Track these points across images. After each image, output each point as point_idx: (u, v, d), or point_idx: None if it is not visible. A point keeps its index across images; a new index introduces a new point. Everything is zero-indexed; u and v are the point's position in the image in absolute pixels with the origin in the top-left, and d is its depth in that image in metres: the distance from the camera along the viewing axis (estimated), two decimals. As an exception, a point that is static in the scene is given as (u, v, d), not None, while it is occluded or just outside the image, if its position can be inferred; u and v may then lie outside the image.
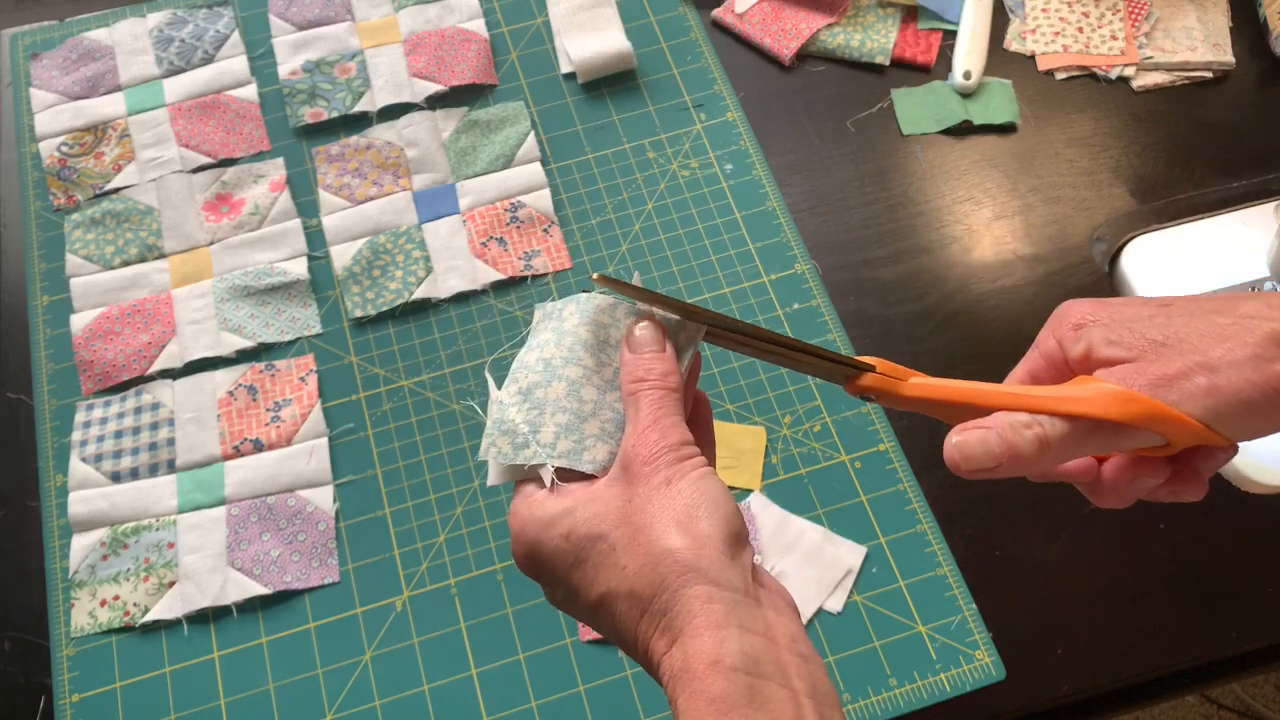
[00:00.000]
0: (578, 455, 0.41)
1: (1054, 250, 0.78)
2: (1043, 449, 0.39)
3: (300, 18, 0.89)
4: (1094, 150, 0.83)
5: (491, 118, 0.84)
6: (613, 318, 0.43)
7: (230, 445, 0.72)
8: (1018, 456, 0.39)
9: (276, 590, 0.67)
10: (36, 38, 0.91)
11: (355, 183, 0.82)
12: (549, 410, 0.41)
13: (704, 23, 0.90)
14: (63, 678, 0.66)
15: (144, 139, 0.85)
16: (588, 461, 0.41)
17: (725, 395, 0.73)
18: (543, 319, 0.44)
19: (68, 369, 0.76)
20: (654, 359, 0.41)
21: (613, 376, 0.43)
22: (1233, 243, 0.78)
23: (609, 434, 0.41)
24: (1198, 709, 1.42)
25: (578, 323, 0.43)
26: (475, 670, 0.65)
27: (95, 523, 0.70)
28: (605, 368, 0.43)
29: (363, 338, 0.77)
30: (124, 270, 0.79)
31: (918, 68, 0.87)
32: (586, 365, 0.42)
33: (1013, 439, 0.39)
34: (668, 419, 0.39)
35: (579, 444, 0.41)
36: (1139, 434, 0.38)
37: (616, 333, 0.43)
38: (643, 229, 0.80)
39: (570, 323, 0.43)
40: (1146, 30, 0.87)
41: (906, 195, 0.81)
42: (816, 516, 0.69)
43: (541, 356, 0.43)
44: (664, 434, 0.39)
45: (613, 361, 0.43)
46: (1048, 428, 0.39)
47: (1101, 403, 0.38)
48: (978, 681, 0.63)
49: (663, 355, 0.41)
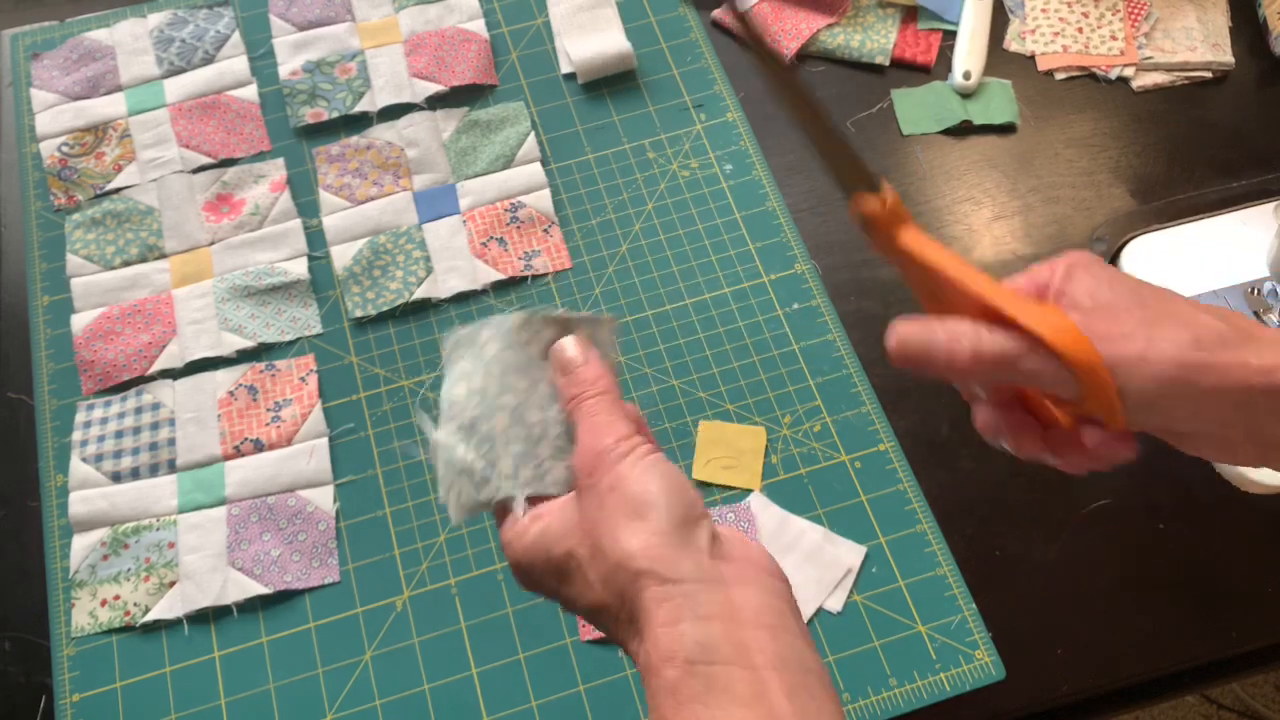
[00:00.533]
0: (541, 480, 0.42)
1: (1054, 250, 0.78)
2: (975, 359, 0.40)
3: (301, 18, 0.90)
4: (1094, 150, 0.83)
5: (492, 118, 0.84)
6: (531, 332, 0.44)
7: (231, 445, 0.72)
8: (950, 356, 0.40)
9: (277, 590, 0.67)
10: (37, 38, 0.91)
11: (356, 183, 0.82)
12: (500, 442, 0.42)
13: (704, 23, 0.90)
14: (63, 677, 0.66)
15: (144, 139, 0.85)
16: (551, 484, 0.42)
17: (725, 395, 0.73)
18: (455, 349, 0.45)
19: (68, 369, 0.76)
20: (582, 371, 0.42)
21: (549, 390, 0.43)
22: (1233, 243, 0.78)
23: (562, 450, 0.42)
24: (1198, 709, 1.42)
25: (499, 347, 0.43)
26: (475, 670, 0.65)
27: (96, 522, 0.70)
28: (538, 383, 0.43)
29: (363, 338, 0.77)
30: (124, 270, 0.79)
31: (917, 68, 0.87)
32: (520, 389, 0.43)
33: (949, 343, 0.40)
34: (604, 420, 0.41)
35: (538, 469, 0.42)
36: (1063, 372, 0.39)
37: (537, 346, 0.44)
38: (643, 229, 0.80)
39: (491, 349, 0.44)
40: (1146, 30, 0.87)
41: (906, 195, 0.81)
42: (816, 516, 0.69)
43: (471, 389, 0.43)
44: (600, 438, 0.40)
45: (544, 375, 0.43)
46: (986, 342, 0.40)
47: (1050, 324, 0.39)
48: (977, 681, 0.64)
49: (590, 365, 0.43)
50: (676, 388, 0.74)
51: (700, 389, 0.73)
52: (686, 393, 0.73)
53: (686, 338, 0.75)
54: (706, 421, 0.72)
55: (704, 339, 0.75)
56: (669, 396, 0.73)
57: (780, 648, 0.35)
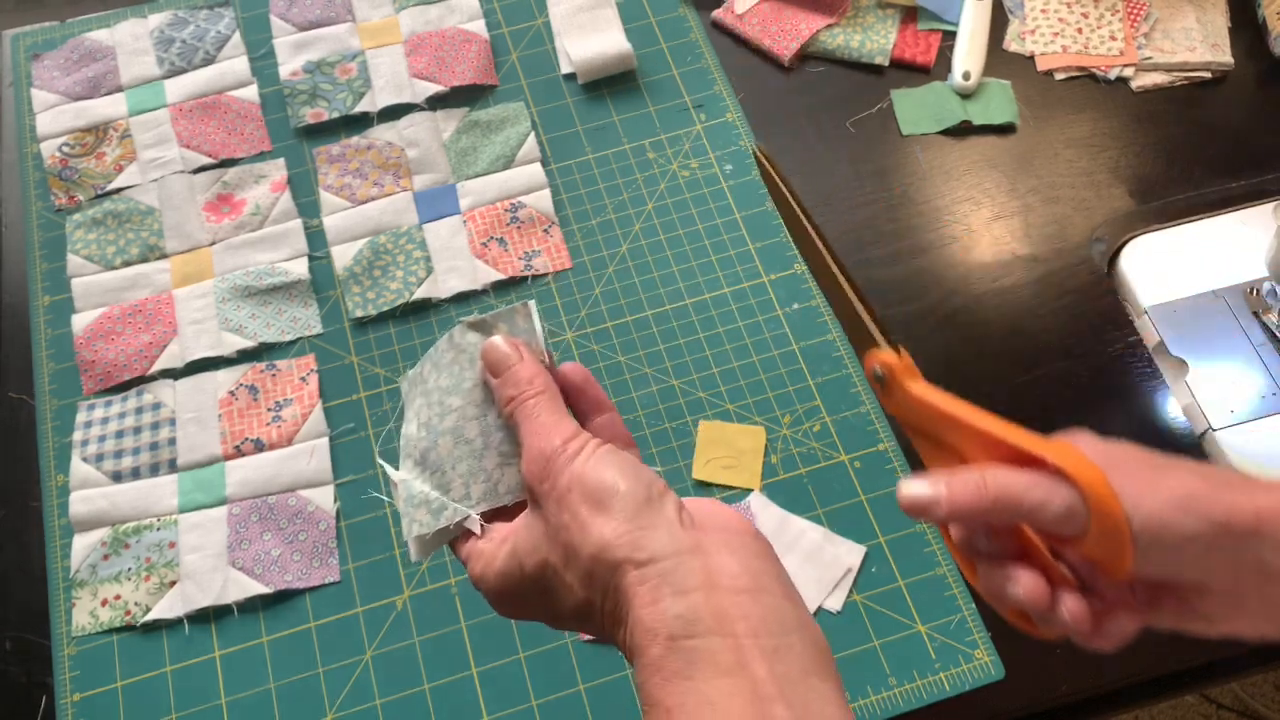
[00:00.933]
0: (494, 492, 0.42)
1: (1053, 250, 0.78)
2: (979, 490, 0.39)
3: (301, 18, 0.90)
4: (1093, 151, 0.83)
5: (492, 118, 0.84)
6: (456, 348, 0.44)
7: (231, 445, 0.72)
8: (955, 497, 0.40)
9: (277, 590, 0.67)
10: (38, 38, 0.91)
11: (356, 183, 0.82)
12: (448, 466, 0.42)
13: (704, 23, 0.90)
14: (64, 677, 0.66)
15: (145, 139, 0.85)
16: (505, 493, 0.42)
17: (725, 395, 0.73)
18: (409, 389, 0.45)
19: (69, 369, 0.76)
20: (517, 370, 0.42)
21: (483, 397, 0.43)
22: (1232, 243, 0.78)
23: (508, 456, 0.42)
24: (1197, 709, 1.42)
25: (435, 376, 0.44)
26: (475, 670, 0.65)
27: (96, 522, 0.70)
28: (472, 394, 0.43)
29: (363, 338, 0.77)
30: (125, 270, 0.79)
31: (917, 68, 0.87)
32: (454, 407, 0.43)
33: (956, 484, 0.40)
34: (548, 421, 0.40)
35: (488, 482, 0.42)
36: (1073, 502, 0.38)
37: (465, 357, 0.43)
38: (643, 229, 0.80)
39: (431, 380, 0.44)
40: (1145, 31, 0.87)
41: (906, 195, 0.81)
42: (816, 516, 0.69)
43: (420, 423, 0.43)
44: (547, 441, 0.39)
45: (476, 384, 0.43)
46: (991, 477, 0.39)
47: (1061, 451, 0.39)
48: (977, 681, 0.64)
49: (524, 363, 0.42)
50: (676, 388, 0.74)
51: (700, 389, 0.74)
52: (686, 393, 0.74)
53: (686, 338, 0.76)
54: (706, 421, 0.72)
55: (704, 339, 0.75)
56: (669, 396, 0.73)
57: (761, 610, 0.35)
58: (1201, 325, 0.75)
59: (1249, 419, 0.71)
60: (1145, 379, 0.73)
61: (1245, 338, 0.74)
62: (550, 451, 0.39)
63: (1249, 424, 0.71)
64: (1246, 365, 0.73)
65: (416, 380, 0.45)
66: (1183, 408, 0.72)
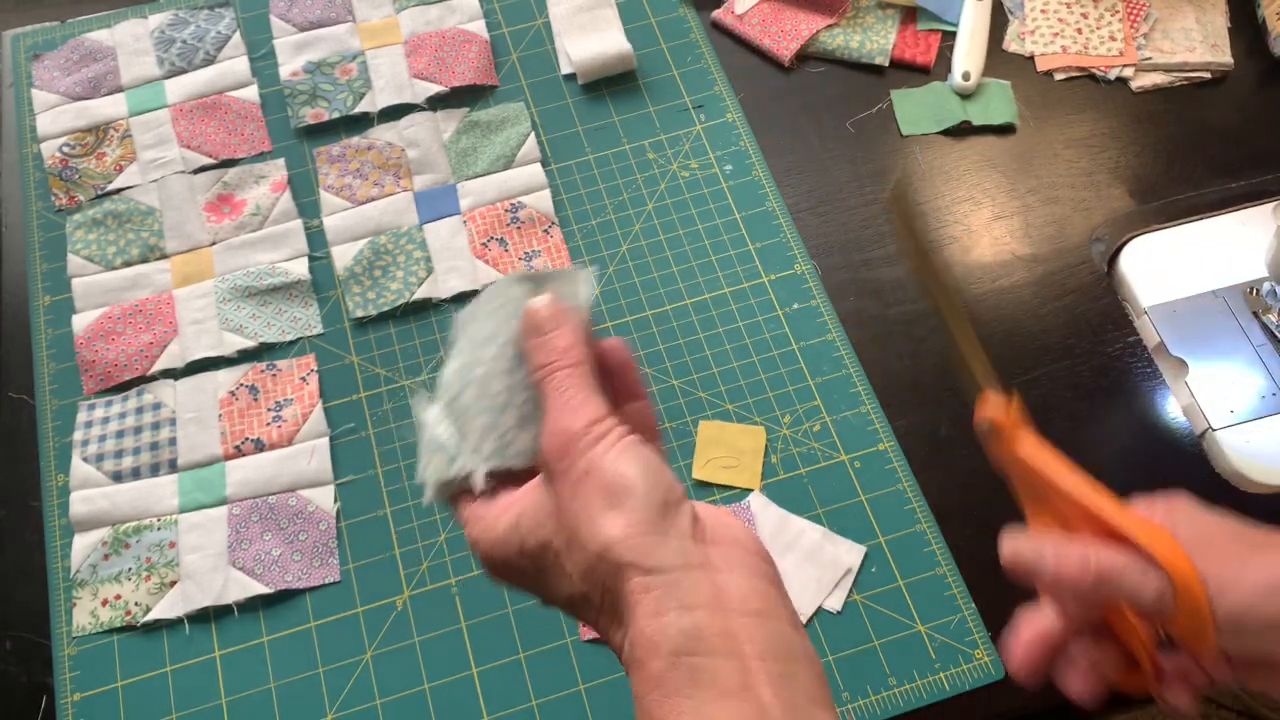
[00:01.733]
0: (504, 452, 0.40)
1: (1053, 251, 0.78)
2: (1082, 567, 0.42)
3: (301, 19, 0.90)
4: (1093, 151, 0.83)
5: (492, 118, 0.85)
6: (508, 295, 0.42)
7: (231, 445, 0.72)
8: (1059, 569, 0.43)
9: (277, 589, 0.67)
10: (38, 38, 0.91)
11: (356, 183, 0.82)
12: (469, 416, 0.41)
13: (704, 24, 0.90)
14: (64, 677, 0.66)
15: (145, 140, 0.85)
16: (515, 455, 0.40)
17: (725, 395, 0.73)
18: (457, 328, 0.44)
19: (69, 369, 0.76)
20: (554, 337, 0.39)
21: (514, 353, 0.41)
22: (1232, 243, 0.78)
23: (528, 418, 0.40)
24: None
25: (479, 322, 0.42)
26: (475, 669, 0.65)
27: (97, 522, 0.70)
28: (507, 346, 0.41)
29: (364, 338, 0.77)
30: (125, 270, 0.79)
31: (917, 69, 0.87)
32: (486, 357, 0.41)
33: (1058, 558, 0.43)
34: (576, 398, 0.38)
35: (501, 440, 0.40)
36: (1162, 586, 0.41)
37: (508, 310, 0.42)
38: (643, 229, 0.80)
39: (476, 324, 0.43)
40: (1145, 31, 0.87)
41: (906, 196, 0.81)
42: (816, 516, 0.69)
43: (458, 365, 0.42)
44: (573, 419, 0.37)
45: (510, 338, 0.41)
46: (1093, 557, 0.42)
47: (1153, 536, 0.41)
48: (977, 681, 0.64)
49: (563, 332, 0.39)
50: (676, 388, 0.74)
51: (700, 389, 0.74)
52: (686, 393, 0.74)
53: (686, 338, 0.76)
54: (706, 421, 0.72)
55: (704, 339, 0.75)
56: (669, 396, 0.73)
57: (768, 634, 0.34)
58: (1201, 325, 0.75)
59: (1249, 419, 0.71)
60: (1145, 379, 0.73)
61: (1245, 338, 0.74)
62: (574, 431, 0.37)
63: (1249, 424, 0.71)
64: (1246, 365, 0.73)
65: (468, 320, 0.43)
66: (1182, 408, 0.72)
